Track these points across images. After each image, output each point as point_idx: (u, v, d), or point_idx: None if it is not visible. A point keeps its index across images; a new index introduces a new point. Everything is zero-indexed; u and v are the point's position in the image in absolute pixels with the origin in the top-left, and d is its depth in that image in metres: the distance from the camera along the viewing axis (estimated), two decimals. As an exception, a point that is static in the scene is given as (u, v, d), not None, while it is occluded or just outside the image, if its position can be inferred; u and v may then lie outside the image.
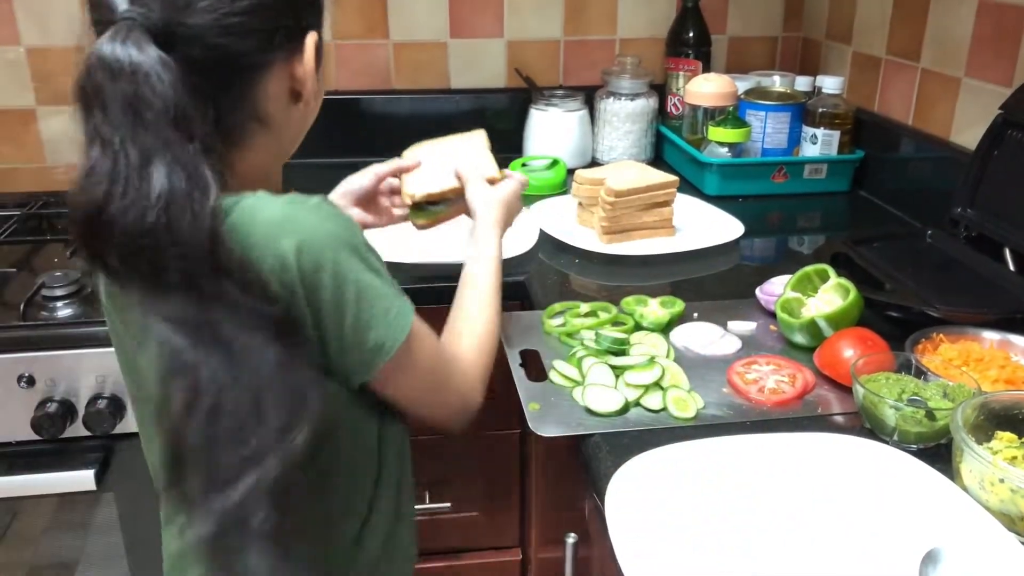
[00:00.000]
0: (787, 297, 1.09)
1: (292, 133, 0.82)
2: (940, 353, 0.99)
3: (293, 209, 0.71)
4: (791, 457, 0.84)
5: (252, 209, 0.70)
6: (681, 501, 0.80)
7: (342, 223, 0.73)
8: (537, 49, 1.91)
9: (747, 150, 1.68)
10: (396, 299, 0.76)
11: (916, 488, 0.79)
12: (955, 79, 1.44)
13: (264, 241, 0.69)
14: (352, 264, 0.72)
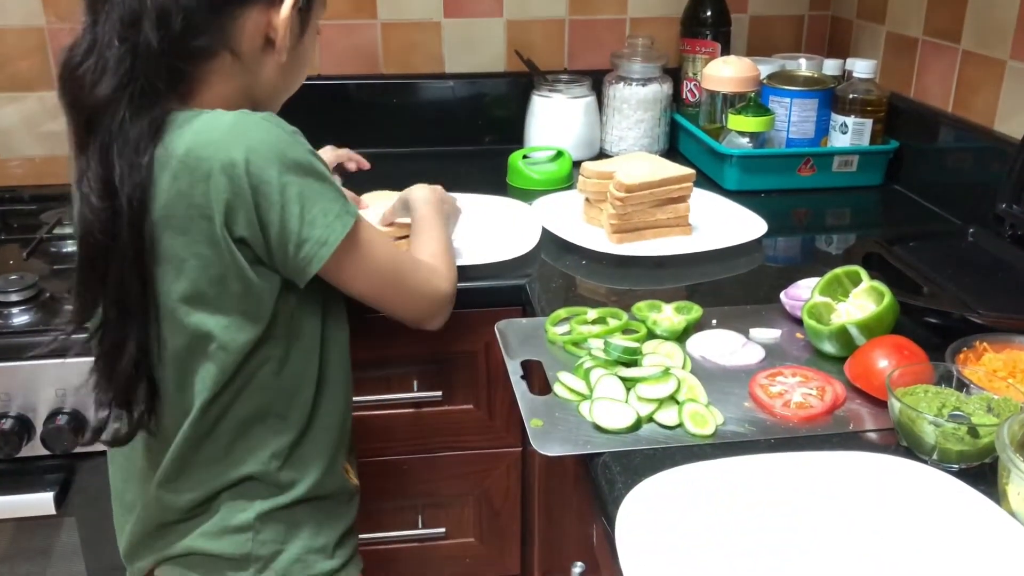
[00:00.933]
0: (815, 302, 1.09)
1: (263, 80, 0.98)
2: (984, 363, 0.99)
3: (243, 120, 0.89)
4: (820, 478, 0.84)
5: (209, 119, 0.89)
6: (698, 527, 0.79)
7: (287, 136, 0.91)
8: (540, 29, 1.91)
9: (770, 140, 1.68)
10: (337, 202, 0.93)
11: (958, 512, 0.79)
12: (1000, 62, 1.43)
13: (216, 147, 0.87)
14: (295, 174, 0.90)
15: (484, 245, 1.37)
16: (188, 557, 1.00)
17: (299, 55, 1.01)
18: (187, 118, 0.90)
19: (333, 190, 0.94)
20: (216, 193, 0.87)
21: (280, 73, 0.99)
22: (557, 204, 1.54)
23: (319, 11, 1.03)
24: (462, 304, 1.27)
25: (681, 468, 0.84)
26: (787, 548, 0.78)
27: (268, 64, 0.98)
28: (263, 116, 0.91)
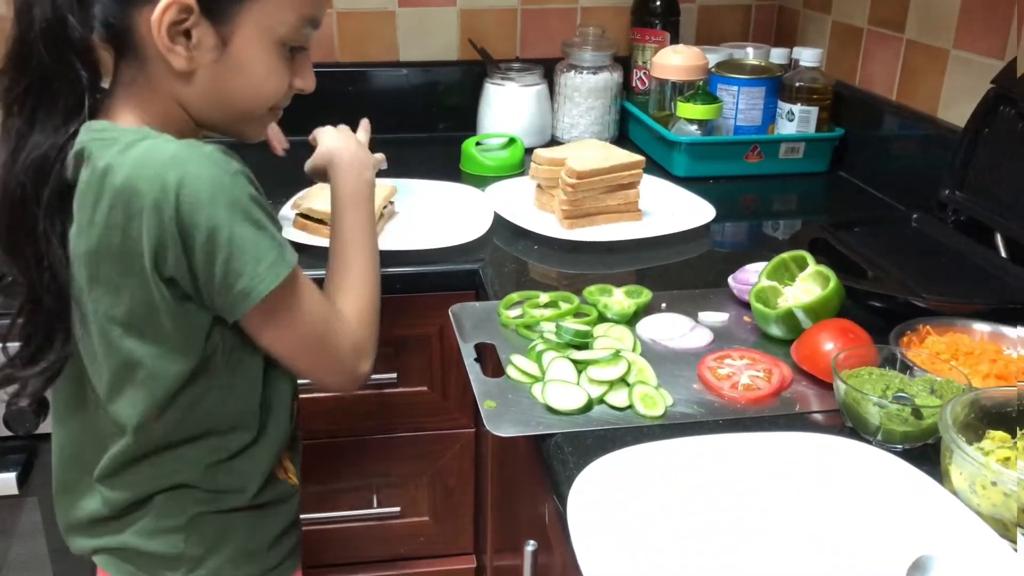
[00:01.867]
0: (762, 286, 1.08)
1: (170, 85, 0.86)
2: (927, 346, 0.98)
3: (186, 152, 0.80)
4: (767, 458, 0.83)
5: (150, 148, 0.80)
6: (648, 506, 0.78)
7: (228, 173, 0.81)
8: (493, 18, 1.88)
9: (718, 128, 1.67)
10: (271, 251, 0.83)
11: (902, 491, 0.78)
12: (943, 51, 1.43)
13: (151, 183, 0.78)
14: (229, 215, 0.80)
15: (437, 230, 1.34)
16: (123, 551, 0.96)
17: (228, 66, 0.86)
18: (127, 141, 0.80)
19: (268, 238, 0.83)
20: (147, 231, 0.78)
21: (196, 83, 0.86)
22: (509, 190, 1.52)
23: (258, 21, 0.85)
24: (416, 288, 1.25)
25: (631, 448, 0.83)
26: (735, 527, 0.77)
27: (173, 72, 0.85)
28: (209, 151, 0.81)
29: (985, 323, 1.01)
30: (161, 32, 0.80)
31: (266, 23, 0.85)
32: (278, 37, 0.86)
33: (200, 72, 0.85)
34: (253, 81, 0.88)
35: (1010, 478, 0.72)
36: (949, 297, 1.06)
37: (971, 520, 0.73)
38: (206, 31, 0.83)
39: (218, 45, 0.84)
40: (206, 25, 0.83)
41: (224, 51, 0.85)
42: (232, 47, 0.85)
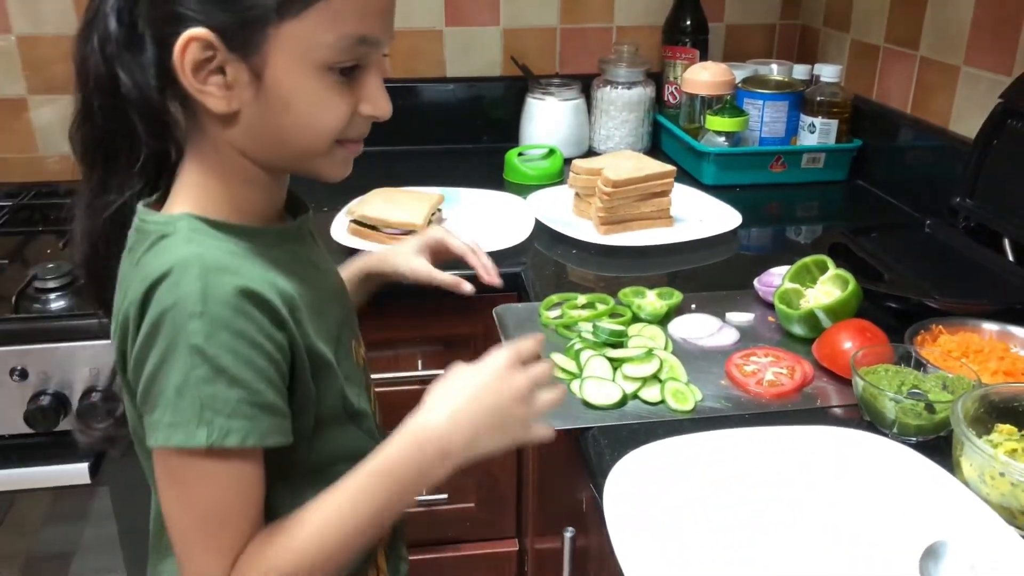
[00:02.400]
0: (785, 288, 1.08)
1: (220, 131, 0.72)
2: (939, 345, 0.99)
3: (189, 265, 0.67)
4: (790, 450, 0.83)
5: (161, 250, 0.69)
6: (679, 495, 0.79)
7: (225, 302, 0.66)
8: (533, 37, 1.89)
9: (744, 139, 1.67)
10: (191, 417, 0.65)
11: (916, 481, 0.79)
12: (954, 67, 1.42)
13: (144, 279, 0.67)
14: (185, 356, 0.65)
15: (482, 236, 1.36)
16: None
17: (271, 101, 0.69)
18: (155, 235, 0.70)
19: (204, 396, 0.65)
20: (119, 334, 0.70)
21: (244, 124, 0.71)
22: (549, 198, 1.53)
23: (291, 46, 0.68)
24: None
25: (663, 441, 0.84)
26: (760, 514, 0.78)
27: (217, 116, 0.70)
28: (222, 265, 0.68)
29: (994, 323, 1.01)
30: (187, 73, 0.67)
31: (299, 48, 0.68)
32: (319, 61, 0.69)
33: (244, 112, 0.70)
34: (301, 115, 0.71)
35: (1017, 469, 0.72)
36: (960, 299, 1.06)
37: (981, 508, 0.73)
38: (237, 66, 0.68)
39: (253, 80, 0.68)
40: (235, 60, 0.67)
41: (260, 85, 0.69)
42: (267, 80, 0.69)
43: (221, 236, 0.71)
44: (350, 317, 0.89)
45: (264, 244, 0.74)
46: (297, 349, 0.72)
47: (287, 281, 0.73)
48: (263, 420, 0.68)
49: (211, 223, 0.71)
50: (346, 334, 0.84)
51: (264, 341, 0.68)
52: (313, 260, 0.84)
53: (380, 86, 0.74)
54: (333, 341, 0.80)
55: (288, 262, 0.75)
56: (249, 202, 0.76)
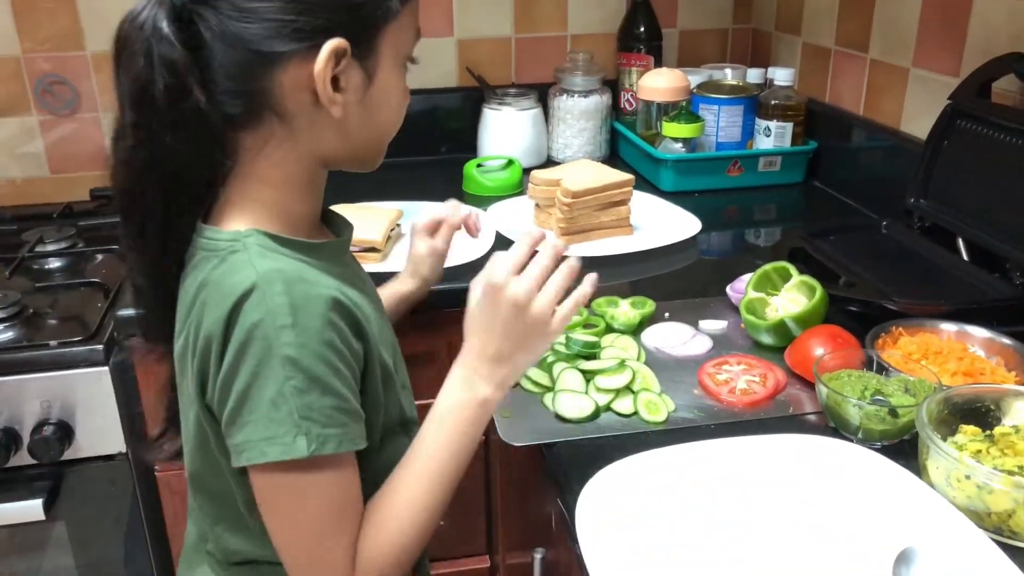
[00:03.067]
0: (750, 298, 1.09)
1: (316, 137, 0.72)
2: (900, 347, 0.99)
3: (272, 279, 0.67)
4: (760, 461, 0.83)
5: (235, 266, 0.69)
6: (651, 510, 0.78)
7: (316, 313, 0.67)
8: (488, 47, 1.88)
9: (701, 145, 1.68)
10: (290, 429, 0.66)
11: (885, 487, 0.79)
12: (903, 69, 1.44)
13: (223, 301, 0.67)
14: (278, 368, 0.65)
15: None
16: None
17: (374, 100, 0.72)
18: (223, 252, 0.70)
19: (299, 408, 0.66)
20: (200, 353, 0.69)
21: (345, 127, 0.72)
22: (510, 209, 1.52)
23: (393, 45, 0.72)
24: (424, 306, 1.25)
25: (635, 457, 0.83)
26: (734, 526, 0.78)
27: (320, 120, 0.71)
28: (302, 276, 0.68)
29: (951, 323, 1.02)
30: (326, 86, 0.68)
31: (396, 45, 0.72)
32: (403, 57, 0.74)
33: (349, 116, 0.71)
34: (394, 109, 0.76)
35: (982, 471, 0.73)
36: (919, 299, 1.07)
37: (949, 512, 0.74)
38: (354, 71, 0.70)
39: (364, 82, 0.71)
40: (355, 65, 0.70)
41: (369, 87, 0.71)
42: (377, 81, 0.72)
43: (286, 250, 0.72)
44: None
45: (323, 257, 0.75)
46: (371, 358, 0.74)
47: (353, 292, 0.74)
48: (353, 426, 0.70)
49: (275, 238, 0.72)
50: (399, 342, 0.87)
51: (346, 350, 0.70)
52: (360, 273, 0.88)
53: None
54: (392, 350, 0.82)
55: (347, 275, 0.78)
56: (299, 215, 0.77)
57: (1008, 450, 0.78)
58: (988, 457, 0.78)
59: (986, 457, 0.78)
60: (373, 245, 1.29)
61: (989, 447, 0.79)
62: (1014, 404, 0.84)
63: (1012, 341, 0.97)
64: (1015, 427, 0.81)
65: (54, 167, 1.73)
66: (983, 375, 0.94)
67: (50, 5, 1.63)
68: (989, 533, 0.72)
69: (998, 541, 0.71)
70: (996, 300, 1.08)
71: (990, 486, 0.72)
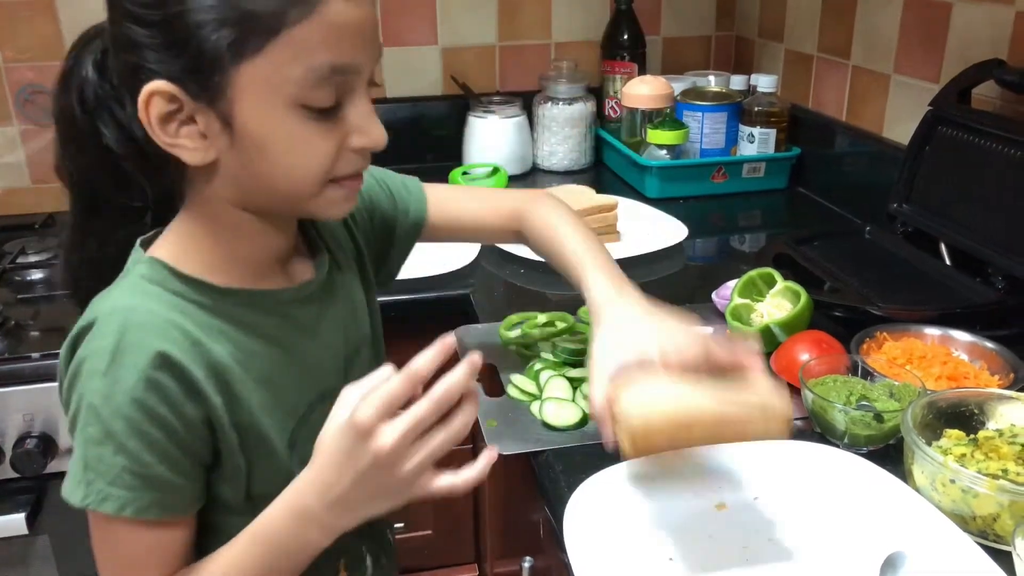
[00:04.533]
0: (735, 304, 1.09)
1: (208, 181, 0.67)
2: (884, 352, 1.00)
3: (116, 318, 0.65)
4: (747, 466, 0.83)
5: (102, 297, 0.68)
6: (639, 518, 0.78)
7: (127, 370, 0.63)
8: (473, 56, 1.89)
9: (686, 151, 1.68)
10: (79, 474, 0.64)
11: (871, 491, 0.79)
12: (885, 76, 1.46)
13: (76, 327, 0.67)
14: (84, 412, 0.64)
15: (428, 259, 1.34)
16: None
17: (248, 146, 0.64)
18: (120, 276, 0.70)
19: (98, 461, 0.64)
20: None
21: (226, 172, 0.66)
22: (495, 217, 1.52)
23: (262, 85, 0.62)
24: (409, 315, 1.25)
25: (621, 465, 0.83)
26: (721, 534, 0.78)
27: (205, 167, 0.66)
28: (118, 328, 0.64)
29: (935, 328, 1.02)
30: (154, 128, 0.63)
31: (266, 87, 0.62)
32: (291, 99, 0.63)
33: (223, 161, 0.65)
34: (280, 158, 0.65)
35: (967, 475, 0.74)
36: (902, 305, 1.08)
37: (935, 516, 0.74)
38: (207, 115, 0.63)
39: (224, 127, 0.63)
40: (203, 108, 0.63)
41: (233, 132, 0.64)
42: (238, 125, 0.63)
43: (178, 287, 0.68)
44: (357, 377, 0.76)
45: (231, 304, 0.70)
46: (218, 422, 0.67)
47: (236, 348, 0.69)
48: (145, 493, 0.65)
49: (175, 273, 0.68)
50: (320, 412, 0.70)
51: (167, 413, 0.64)
52: (309, 324, 0.76)
53: (368, 113, 0.67)
54: (292, 418, 0.73)
55: (256, 326, 0.71)
56: (239, 252, 0.71)
57: (992, 454, 0.79)
58: (972, 461, 0.79)
59: (970, 461, 0.79)
60: None
61: (973, 451, 0.80)
62: (997, 408, 0.85)
63: (995, 345, 0.98)
64: (999, 431, 0.82)
65: (35, 177, 1.72)
66: (967, 379, 0.95)
67: (30, 14, 1.63)
68: (974, 537, 0.73)
69: (983, 545, 0.72)
70: (979, 304, 1.09)
71: (975, 490, 0.73)
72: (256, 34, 0.60)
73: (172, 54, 0.61)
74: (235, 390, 0.69)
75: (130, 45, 0.62)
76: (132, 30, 0.62)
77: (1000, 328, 1.03)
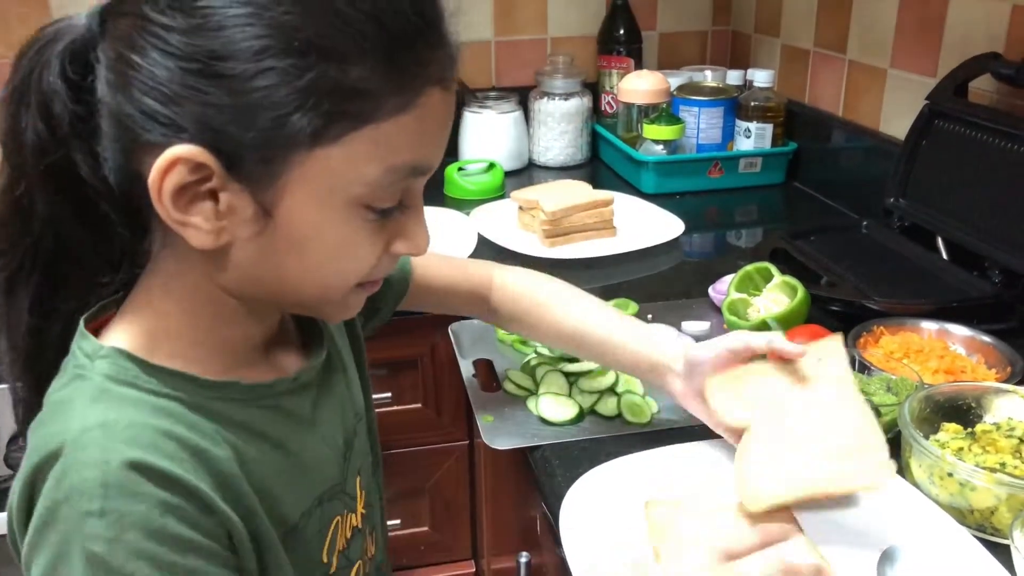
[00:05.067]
0: (732, 299, 1.09)
1: (201, 261, 0.56)
2: (881, 346, 1.00)
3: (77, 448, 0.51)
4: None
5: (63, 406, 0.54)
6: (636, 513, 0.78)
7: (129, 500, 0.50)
8: (468, 50, 1.84)
9: (682, 146, 1.68)
10: None
11: (867, 485, 0.79)
12: (881, 70, 1.46)
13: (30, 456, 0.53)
14: (79, 566, 0.49)
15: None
16: None
17: (280, 240, 0.54)
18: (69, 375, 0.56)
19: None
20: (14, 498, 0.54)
21: (230, 261, 0.55)
22: (492, 212, 1.52)
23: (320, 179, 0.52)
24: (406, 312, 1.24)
25: (618, 461, 0.83)
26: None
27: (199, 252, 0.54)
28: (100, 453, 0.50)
29: (932, 321, 1.03)
30: (163, 200, 0.51)
31: (331, 182, 0.52)
32: (354, 199, 0.54)
33: (237, 248, 0.55)
34: (319, 259, 0.55)
35: (964, 469, 0.74)
36: (899, 299, 1.08)
37: (932, 510, 0.75)
38: (239, 196, 0.52)
39: (258, 215, 0.53)
40: (237, 188, 0.52)
41: (268, 222, 0.53)
42: (280, 216, 0.53)
43: (152, 385, 0.55)
44: (357, 458, 0.72)
45: (218, 400, 0.58)
46: (239, 537, 0.56)
47: (234, 452, 0.57)
48: None
49: (144, 365, 0.55)
50: (331, 506, 0.66)
51: (193, 535, 0.52)
52: (305, 416, 0.65)
53: (421, 218, 0.59)
54: (300, 515, 0.63)
55: (248, 425, 0.59)
56: (221, 337, 0.60)
57: (990, 447, 0.79)
58: (970, 454, 0.79)
59: (968, 454, 0.79)
60: None
61: (971, 444, 0.80)
62: (995, 401, 0.85)
63: (992, 339, 0.98)
64: (996, 424, 0.82)
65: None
66: (964, 373, 0.95)
67: (23, 11, 1.62)
68: (972, 530, 0.73)
69: (980, 538, 0.72)
70: (976, 298, 1.09)
71: (972, 483, 0.73)
72: (342, 121, 0.51)
73: (229, 121, 0.50)
74: (245, 503, 0.57)
75: (162, 90, 0.50)
76: (175, 73, 0.49)
77: (997, 322, 1.04)
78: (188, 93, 0.49)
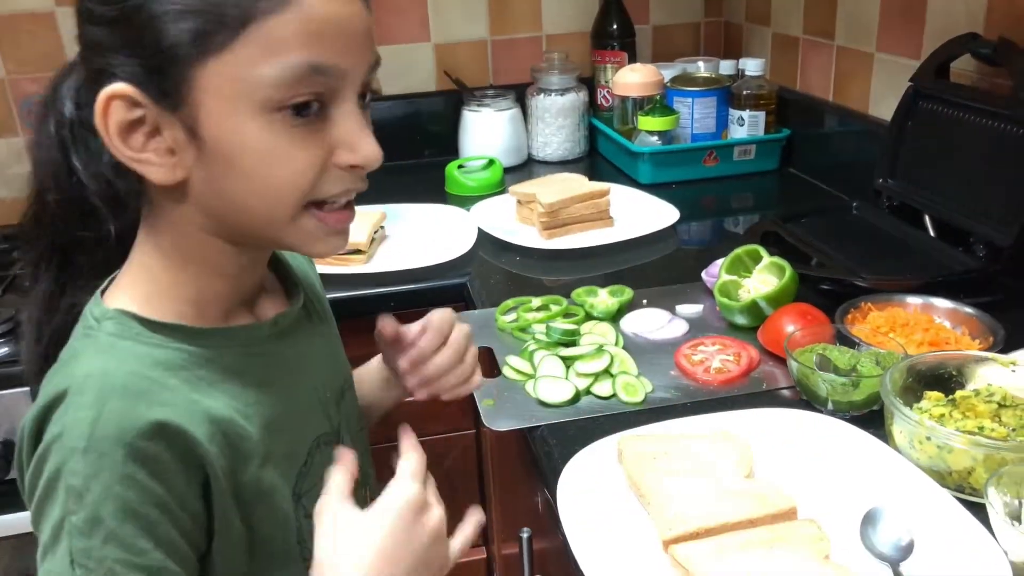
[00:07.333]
0: (723, 281, 1.12)
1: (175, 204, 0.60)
2: (869, 322, 1.03)
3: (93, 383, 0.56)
4: (736, 433, 0.86)
5: (68, 359, 0.60)
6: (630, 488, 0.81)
7: (111, 443, 0.54)
8: (465, 50, 1.92)
9: (677, 137, 1.71)
10: (63, 570, 0.54)
11: (853, 453, 0.83)
12: (868, 54, 1.48)
13: (41, 399, 0.58)
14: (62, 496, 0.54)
15: (426, 249, 1.38)
16: None
17: (214, 159, 0.57)
18: (79, 334, 0.62)
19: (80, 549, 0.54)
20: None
21: (190, 192, 0.59)
22: (492, 207, 1.56)
23: (228, 87, 0.55)
24: (410, 305, 1.27)
25: (613, 437, 0.86)
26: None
27: (171, 188, 0.59)
28: (97, 397, 0.55)
29: (917, 296, 1.05)
30: (114, 141, 0.56)
31: (234, 89, 0.55)
32: (263, 102, 0.55)
33: (192, 180, 0.58)
34: (251, 171, 0.57)
35: (942, 432, 0.77)
36: (887, 276, 1.11)
37: (913, 473, 0.78)
38: (172, 124, 0.56)
39: (189, 138, 0.57)
40: (167, 117, 0.56)
41: (202, 146, 0.57)
42: (204, 133, 0.56)
43: (155, 340, 0.60)
44: (345, 420, 0.77)
45: (213, 348, 0.62)
46: (217, 488, 0.59)
47: (231, 398, 0.62)
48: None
49: (146, 322, 0.60)
50: (319, 458, 0.70)
51: (162, 491, 0.56)
52: (292, 362, 0.70)
53: (358, 126, 0.59)
54: (295, 467, 0.68)
55: (247, 369, 0.64)
56: (211, 290, 0.64)
57: (969, 412, 0.82)
58: (951, 420, 0.81)
59: (949, 420, 0.81)
60: (357, 247, 1.33)
61: (952, 411, 0.83)
62: (976, 370, 0.88)
63: (974, 310, 1.01)
64: (975, 391, 0.85)
65: (42, 186, 1.76)
66: (948, 344, 0.98)
67: (32, 27, 1.67)
68: (951, 491, 0.76)
69: (959, 498, 0.75)
70: (961, 273, 1.12)
71: (950, 445, 0.76)
72: (222, 27, 0.54)
73: (130, 52, 0.55)
74: (242, 447, 0.61)
75: (91, 49, 0.57)
76: (91, 31, 0.56)
77: (982, 295, 1.06)
78: (106, 41, 0.56)
